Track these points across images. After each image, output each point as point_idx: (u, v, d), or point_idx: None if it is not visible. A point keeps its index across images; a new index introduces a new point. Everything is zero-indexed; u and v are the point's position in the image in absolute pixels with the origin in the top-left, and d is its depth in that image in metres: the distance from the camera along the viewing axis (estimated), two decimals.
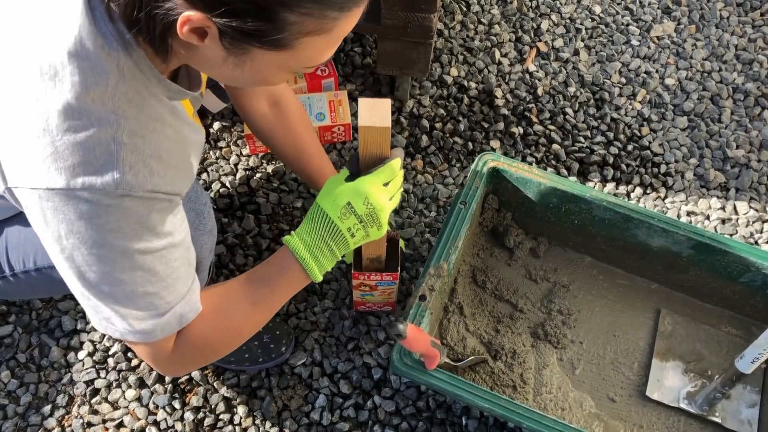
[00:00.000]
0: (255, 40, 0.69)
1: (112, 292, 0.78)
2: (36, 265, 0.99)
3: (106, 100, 0.71)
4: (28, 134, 0.70)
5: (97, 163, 0.70)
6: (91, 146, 0.70)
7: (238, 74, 0.76)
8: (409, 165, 1.64)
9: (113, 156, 0.71)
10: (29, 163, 0.70)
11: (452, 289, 1.35)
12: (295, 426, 1.31)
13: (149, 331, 0.82)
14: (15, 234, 0.99)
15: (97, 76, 0.70)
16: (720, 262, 1.31)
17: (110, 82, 0.71)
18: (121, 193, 0.72)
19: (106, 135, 0.70)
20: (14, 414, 1.32)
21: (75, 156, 0.70)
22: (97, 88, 0.70)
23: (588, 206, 1.34)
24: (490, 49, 1.85)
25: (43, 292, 1.11)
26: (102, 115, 0.70)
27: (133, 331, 0.81)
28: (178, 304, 0.84)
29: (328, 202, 0.92)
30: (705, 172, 1.67)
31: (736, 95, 1.81)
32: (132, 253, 0.76)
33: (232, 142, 1.66)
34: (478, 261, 1.44)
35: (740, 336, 1.38)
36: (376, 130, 0.91)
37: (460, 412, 1.32)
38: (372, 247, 1.18)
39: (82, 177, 0.70)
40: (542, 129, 1.71)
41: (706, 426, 1.29)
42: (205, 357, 0.95)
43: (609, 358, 1.35)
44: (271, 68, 0.75)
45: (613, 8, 1.98)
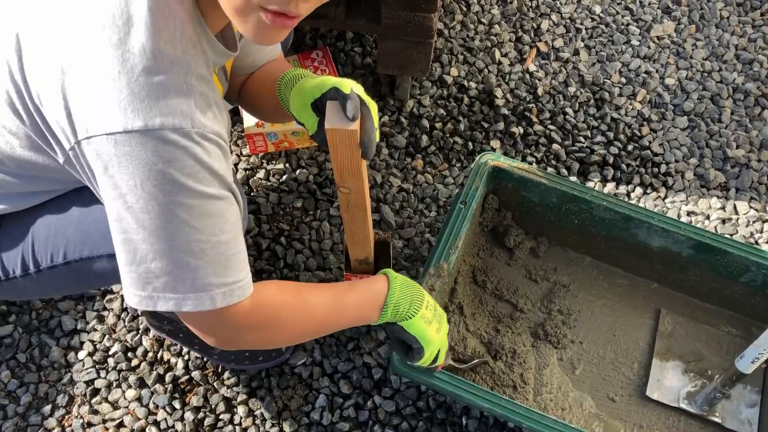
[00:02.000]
0: None
1: (186, 244, 0.76)
2: (66, 259, 0.98)
3: (176, 43, 0.73)
4: (102, 80, 0.71)
5: (173, 104, 0.72)
6: (166, 87, 0.71)
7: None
8: (409, 165, 1.64)
9: (187, 97, 0.73)
10: (104, 108, 0.71)
11: (452, 289, 1.35)
12: (295, 426, 1.31)
13: (219, 285, 0.80)
14: (43, 230, 0.98)
15: (166, 18, 0.72)
16: (720, 262, 1.31)
17: (177, 25, 0.73)
18: (196, 132, 0.73)
19: (178, 77, 0.72)
20: (14, 414, 1.32)
21: (151, 97, 0.71)
22: (166, 31, 0.72)
23: (588, 206, 1.34)
24: (490, 49, 1.85)
25: (62, 290, 1.11)
26: (173, 57, 0.72)
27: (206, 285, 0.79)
28: (245, 263, 0.84)
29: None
30: (705, 172, 1.67)
31: (736, 95, 1.81)
32: (207, 197, 0.76)
33: (232, 142, 1.66)
34: (478, 261, 1.44)
35: (740, 336, 1.38)
36: (344, 132, 0.88)
37: (460, 412, 1.32)
38: (358, 248, 1.18)
39: (159, 117, 0.71)
40: (542, 129, 1.71)
41: (706, 426, 1.29)
42: (270, 334, 0.92)
43: (609, 358, 1.35)
44: None
45: (613, 8, 1.98)
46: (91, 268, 0.99)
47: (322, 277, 1.47)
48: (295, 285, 0.97)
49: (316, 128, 0.99)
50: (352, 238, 1.15)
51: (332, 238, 1.53)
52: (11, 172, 0.88)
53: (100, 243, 0.96)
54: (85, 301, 1.44)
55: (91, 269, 0.99)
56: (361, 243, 1.16)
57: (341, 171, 0.95)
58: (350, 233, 1.13)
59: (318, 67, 1.66)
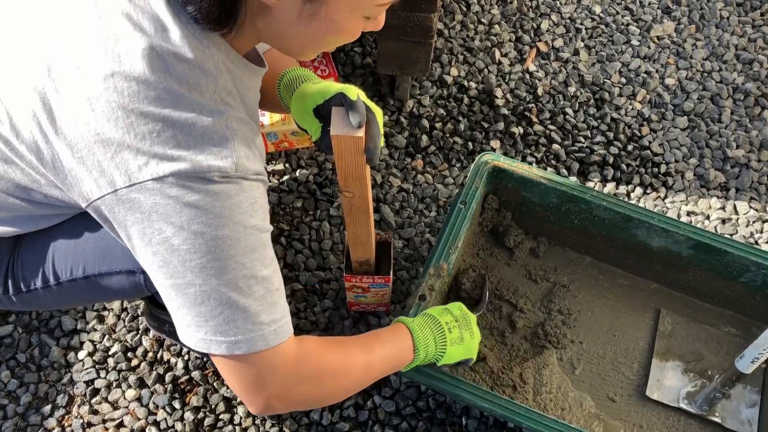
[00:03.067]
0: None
1: (234, 280, 0.77)
2: (85, 273, 0.99)
3: (210, 95, 0.76)
4: (144, 132, 0.73)
5: (217, 149, 0.75)
6: (209, 135, 0.74)
7: (313, 28, 0.78)
8: (409, 165, 1.64)
9: (229, 141, 0.76)
10: (149, 157, 0.73)
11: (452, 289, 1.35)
12: (295, 426, 1.31)
13: (269, 323, 0.80)
14: (63, 245, 0.99)
15: (197, 76, 0.75)
16: (720, 262, 1.31)
17: (209, 79, 0.76)
18: (239, 175, 0.76)
19: (220, 123, 0.75)
20: (14, 414, 1.32)
21: (197, 146, 0.74)
22: (199, 86, 0.75)
23: (588, 206, 1.34)
24: (490, 49, 1.85)
25: (82, 300, 1.12)
26: (212, 107, 0.75)
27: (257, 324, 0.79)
28: (284, 296, 0.85)
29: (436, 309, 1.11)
30: (705, 172, 1.67)
31: (736, 95, 1.81)
32: (252, 230, 0.78)
33: None
34: (478, 261, 1.44)
35: (740, 336, 1.38)
36: (349, 139, 0.88)
37: (460, 412, 1.32)
38: (360, 250, 1.18)
39: (206, 162, 0.74)
40: (542, 129, 1.71)
41: (706, 426, 1.29)
42: (320, 386, 0.90)
43: (609, 358, 1.35)
44: (344, 12, 0.77)
45: (613, 8, 1.98)
46: (110, 283, 1.00)
47: (322, 277, 1.47)
48: (334, 339, 0.96)
49: (319, 135, 0.99)
50: (354, 241, 1.15)
51: (332, 238, 1.53)
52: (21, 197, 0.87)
53: (120, 258, 0.97)
54: None
55: (110, 284, 1.00)
56: (363, 245, 1.16)
57: (345, 176, 0.95)
58: (352, 236, 1.13)
59: (318, 68, 1.66)
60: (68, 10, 0.76)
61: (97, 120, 0.73)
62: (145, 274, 0.97)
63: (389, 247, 1.26)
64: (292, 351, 0.85)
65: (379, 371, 0.99)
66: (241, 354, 0.79)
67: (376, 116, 0.93)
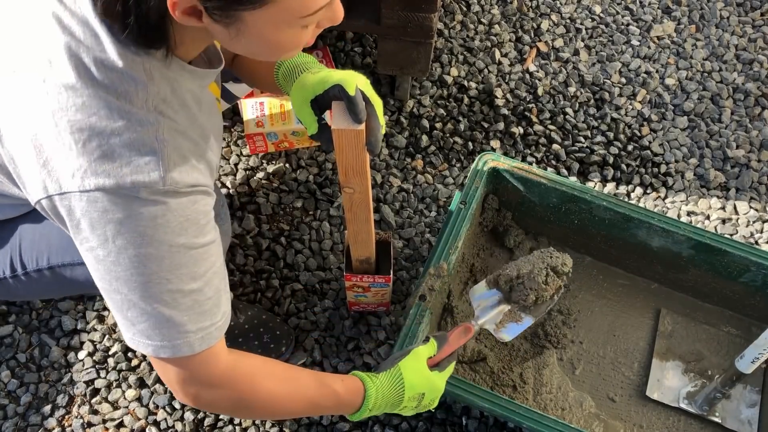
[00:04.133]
0: (235, 3, 0.67)
1: (158, 294, 0.77)
2: (49, 263, 0.99)
3: (141, 103, 0.74)
4: (71, 141, 0.72)
5: (144, 162, 0.73)
6: (136, 146, 0.73)
7: (248, 44, 0.75)
8: (409, 165, 1.64)
9: (158, 154, 0.74)
10: (76, 167, 0.72)
11: (452, 289, 1.35)
12: (295, 426, 1.31)
13: (196, 331, 0.80)
14: (29, 232, 0.99)
15: (126, 84, 0.72)
16: (720, 262, 1.31)
17: (140, 87, 0.73)
18: (167, 189, 0.74)
19: (149, 134, 0.73)
20: (14, 414, 1.32)
21: (123, 157, 0.72)
22: (128, 95, 0.73)
23: (588, 206, 1.34)
24: (490, 49, 1.85)
25: (53, 292, 1.11)
26: (141, 116, 0.73)
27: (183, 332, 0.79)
28: (221, 302, 0.84)
29: (412, 377, 1.00)
30: (705, 172, 1.67)
31: (736, 95, 1.81)
32: (179, 248, 0.77)
33: (232, 142, 1.66)
34: (478, 261, 1.44)
35: (740, 336, 1.38)
36: (350, 132, 0.88)
37: (460, 412, 1.32)
38: (361, 248, 1.18)
39: (130, 176, 0.72)
40: (542, 129, 1.71)
41: (706, 426, 1.29)
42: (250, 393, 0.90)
43: (609, 358, 1.35)
44: (269, 29, 0.73)
45: (613, 8, 1.98)
46: (74, 274, 1.00)
47: (322, 277, 1.47)
48: (282, 364, 0.96)
49: (315, 129, 0.97)
50: (355, 238, 1.15)
51: (332, 238, 1.53)
52: None
53: None
54: (86, 301, 1.44)
55: (74, 275, 1.00)
56: (363, 242, 1.16)
57: (346, 171, 0.95)
58: (353, 233, 1.13)
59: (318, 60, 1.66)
60: (3, 13, 0.76)
61: (32, 125, 0.73)
62: None
63: (389, 247, 1.26)
64: (221, 356, 0.85)
65: (303, 414, 0.99)
66: (166, 357, 0.81)
67: (375, 108, 0.92)
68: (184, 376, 0.84)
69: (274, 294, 1.45)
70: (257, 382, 0.90)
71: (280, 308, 1.43)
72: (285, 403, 0.93)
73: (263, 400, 0.91)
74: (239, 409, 0.91)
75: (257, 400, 0.90)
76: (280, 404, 0.93)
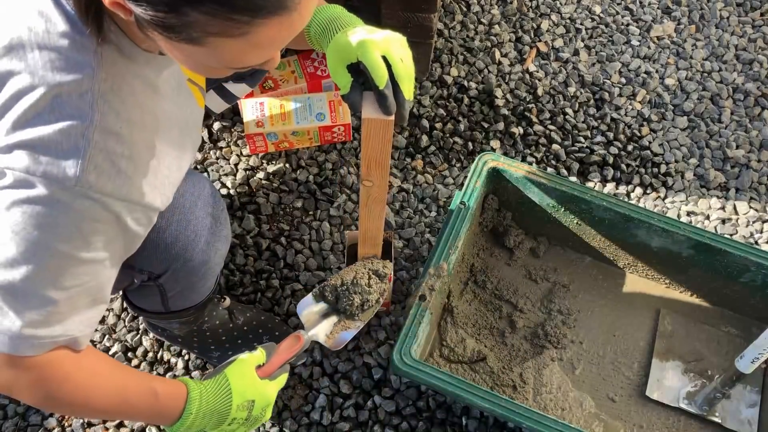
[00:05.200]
0: (160, 29, 0.66)
1: (13, 283, 0.74)
2: None
3: (84, 92, 0.71)
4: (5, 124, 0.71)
5: (62, 157, 0.71)
6: (59, 140, 0.71)
7: (173, 55, 0.72)
8: (409, 165, 1.64)
9: (80, 152, 0.71)
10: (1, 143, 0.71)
11: (452, 289, 1.35)
12: (295, 426, 1.31)
13: (25, 337, 0.76)
14: None
15: (71, 68, 0.71)
16: (720, 262, 1.31)
17: (86, 72, 0.71)
18: (77, 191, 0.72)
19: (75, 131, 0.71)
20: (14, 414, 1.32)
21: (41, 147, 0.70)
22: (72, 81, 0.71)
23: (588, 206, 1.34)
24: (490, 49, 1.85)
25: None
26: (75, 110, 0.71)
27: (14, 335, 0.75)
28: (68, 320, 0.79)
29: (240, 384, 0.97)
30: (705, 172, 1.67)
31: (736, 95, 1.81)
32: (53, 253, 0.74)
33: (232, 142, 1.66)
34: (478, 261, 1.44)
35: (740, 336, 1.38)
36: (379, 122, 0.88)
37: (460, 412, 1.32)
38: (369, 245, 1.18)
39: (43, 166, 0.70)
40: (542, 129, 1.71)
41: (706, 426, 1.29)
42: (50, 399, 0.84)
43: (609, 358, 1.35)
44: (192, 61, 0.72)
45: (613, 8, 1.98)
46: None
47: (322, 277, 1.47)
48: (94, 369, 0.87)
49: (348, 90, 0.92)
50: (365, 235, 1.15)
51: (332, 238, 1.53)
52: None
53: None
54: None
55: None
56: (372, 239, 1.16)
57: (369, 162, 0.95)
58: (364, 229, 1.13)
59: (318, 68, 1.66)
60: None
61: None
62: None
63: (389, 247, 1.26)
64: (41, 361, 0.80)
65: (114, 413, 0.93)
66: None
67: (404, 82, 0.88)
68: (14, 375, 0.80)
69: (274, 294, 1.45)
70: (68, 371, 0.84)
71: (280, 308, 1.43)
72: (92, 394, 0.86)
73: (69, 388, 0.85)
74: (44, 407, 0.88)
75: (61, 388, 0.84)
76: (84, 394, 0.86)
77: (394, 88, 0.88)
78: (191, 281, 1.10)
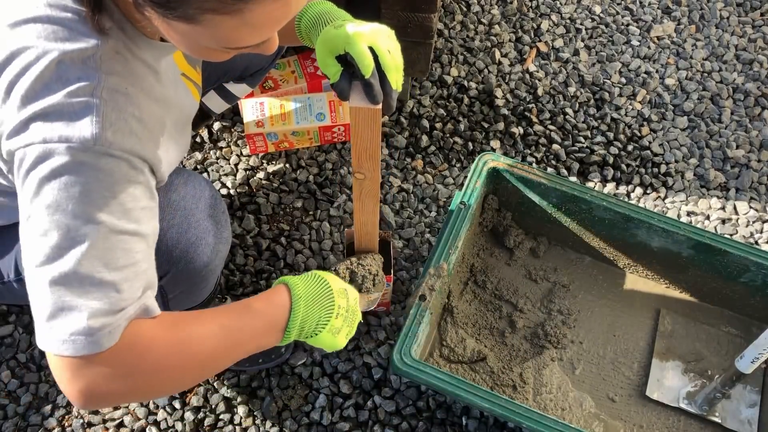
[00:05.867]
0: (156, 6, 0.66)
1: (66, 274, 0.70)
2: None
3: (88, 57, 0.71)
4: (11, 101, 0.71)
5: (76, 118, 0.70)
6: (69, 102, 0.70)
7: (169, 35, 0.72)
8: (409, 165, 1.64)
9: (92, 110, 0.70)
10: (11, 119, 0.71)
11: (452, 289, 1.35)
12: (295, 426, 1.31)
13: (96, 330, 0.71)
14: None
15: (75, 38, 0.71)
16: (720, 262, 1.31)
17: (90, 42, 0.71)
18: (98, 149, 0.70)
19: (85, 90, 0.70)
20: (14, 414, 1.32)
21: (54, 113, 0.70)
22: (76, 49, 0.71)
23: (588, 206, 1.34)
24: (490, 49, 1.85)
25: None
26: (81, 73, 0.71)
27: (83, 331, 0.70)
28: (131, 305, 0.74)
29: (327, 275, 0.96)
30: (705, 172, 1.67)
31: (736, 95, 1.81)
32: (95, 226, 0.71)
33: (232, 142, 1.66)
34: (478, 261, 1.44)
35: (740, 336, 1.38)
36: (367, 111, 0.89)
37: (460, 412, 1.32)
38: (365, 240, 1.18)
39: (59, 131, 0.69)
40: (542, 129, 1.71)
41: (706, 426, 1.29)
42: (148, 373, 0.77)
43: (609, 358, 1.35)
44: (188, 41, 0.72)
45: (613, 8, 1.98)
46: None
47: None
48: (175, 317, 0.81)
49: (337, 78, 0.93)
50: (361, 230, 1.15)
51: (332, 238, 1.53)
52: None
53: None
54: None
55: None
56: (368, 234, 1.16)
57: (359, 154, 0.95)
58: (359, 224, 1.13)
59: (318, 68, 1.66)
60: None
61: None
62: None
63: (389, 247, 1.26)
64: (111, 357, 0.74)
65: (237, 353, 0.85)
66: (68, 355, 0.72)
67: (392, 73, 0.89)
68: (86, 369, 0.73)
69: None
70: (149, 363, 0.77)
71: None
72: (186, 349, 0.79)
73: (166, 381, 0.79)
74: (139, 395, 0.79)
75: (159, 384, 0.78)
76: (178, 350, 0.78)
77: (381, 78, 0.89)
78: (192, 283, 1.10)
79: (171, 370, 0.78)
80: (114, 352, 0.73)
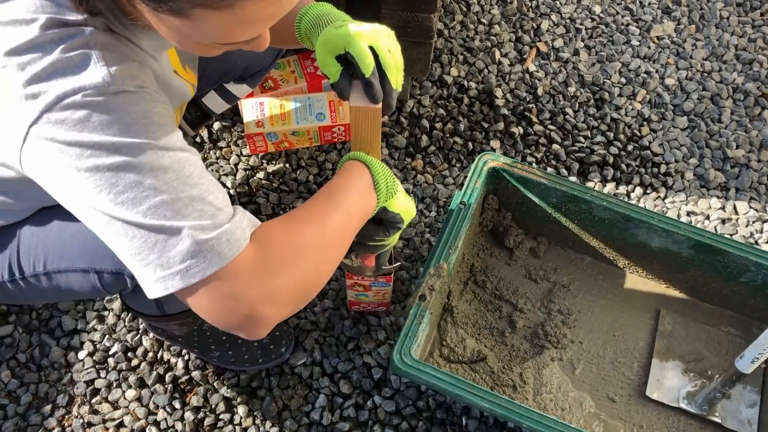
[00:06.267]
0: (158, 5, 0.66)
1: (154, 208, 0.69)
2: (45, 269, 0.98)
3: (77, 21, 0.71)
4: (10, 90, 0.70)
5: (79, 68, 0.69)
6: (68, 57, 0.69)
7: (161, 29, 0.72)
8: (409, 165, 1.64)
9: (91, 57, 0.70)
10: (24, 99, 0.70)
11: (452, 289, 1.35)
12: (295, 426, 1.31)
13: (216, 242, 0.70)
14: (28, 236, 0.98)
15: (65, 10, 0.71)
16: (720, 262, 1.31)
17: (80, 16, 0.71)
18: (114, 89, 0.70)
19: (78, 43, 0.70)
20: (14, 414, 1.32)
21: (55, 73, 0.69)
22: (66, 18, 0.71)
23: (588, 206, 1.34)
24: (490, 49, 1.85)
25: (50, 298, 1.10)
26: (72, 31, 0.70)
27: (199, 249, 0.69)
28: (227, 206, 0.75)
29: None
30: (705, 172, 1.67)
31: (736, 95, 1.81)
32: (154, 150, 0.70)
33: (232, 142, 1.66)
34: (478, 261, 1.44)
35: (740, 336, 1.38)
36: (367, 110, 0.89)
37: (460, 412, 1.32)
38: None
39: (70, 85, 0.69)
40: (542, 129, 1.71)
41: (706, 426, 1.29)
42: (288, 264, 0.77)
43: (609, 358, 1.35)
44: (177, 35, 0.72)
45: (613, 8, 1.98)
46: (68, 282, 0.98)
47: None
48: (291, 214, 0.83)
49: (337, 78, 0.93)
50: None
51: None
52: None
53: (75, 257, 0.95)
54: (86, 301, 1.44)
55: (69, 282, 0.99)
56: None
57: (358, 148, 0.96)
58: None
59: (318, 68, 1.66)
60: None
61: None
62: (99, 274, 0.95)
63: None
64: (249, 251, 0.75)
65: (352, 224, 0.88)
66: (196, 281, 0.71)
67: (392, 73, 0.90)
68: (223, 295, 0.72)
69: None
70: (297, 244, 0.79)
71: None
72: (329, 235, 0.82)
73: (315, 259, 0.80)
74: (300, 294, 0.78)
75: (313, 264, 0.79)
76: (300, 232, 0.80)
77: (381, 77, 0.89)
78: None
79: (310, 249, 0.79)
80: (244, 257, 0.73)
